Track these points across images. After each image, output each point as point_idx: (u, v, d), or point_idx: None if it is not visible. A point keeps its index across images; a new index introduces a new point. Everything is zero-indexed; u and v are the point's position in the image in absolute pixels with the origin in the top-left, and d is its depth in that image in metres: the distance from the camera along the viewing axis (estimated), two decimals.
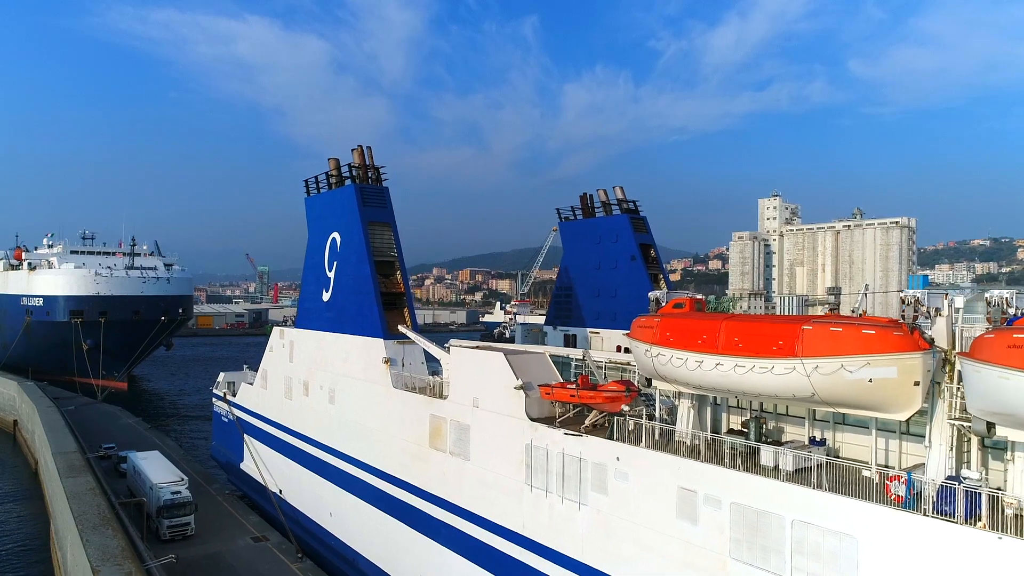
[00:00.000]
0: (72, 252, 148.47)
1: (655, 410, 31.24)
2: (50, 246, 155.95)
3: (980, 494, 19.09)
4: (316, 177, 58.08)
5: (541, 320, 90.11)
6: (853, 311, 25.90)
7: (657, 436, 29.58)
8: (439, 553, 40.32)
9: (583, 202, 73.51)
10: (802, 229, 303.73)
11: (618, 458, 29.33)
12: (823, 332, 21.43)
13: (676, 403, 30.44)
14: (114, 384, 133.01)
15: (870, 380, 20.55)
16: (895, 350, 20.33)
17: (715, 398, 31.16)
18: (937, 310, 21.68)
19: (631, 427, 29.41)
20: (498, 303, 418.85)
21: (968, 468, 21.09)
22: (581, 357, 36.81)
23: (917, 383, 20.51)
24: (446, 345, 43.06)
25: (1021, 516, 19.83)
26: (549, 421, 34.01)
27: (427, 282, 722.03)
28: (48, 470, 64.22)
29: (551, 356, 40.89)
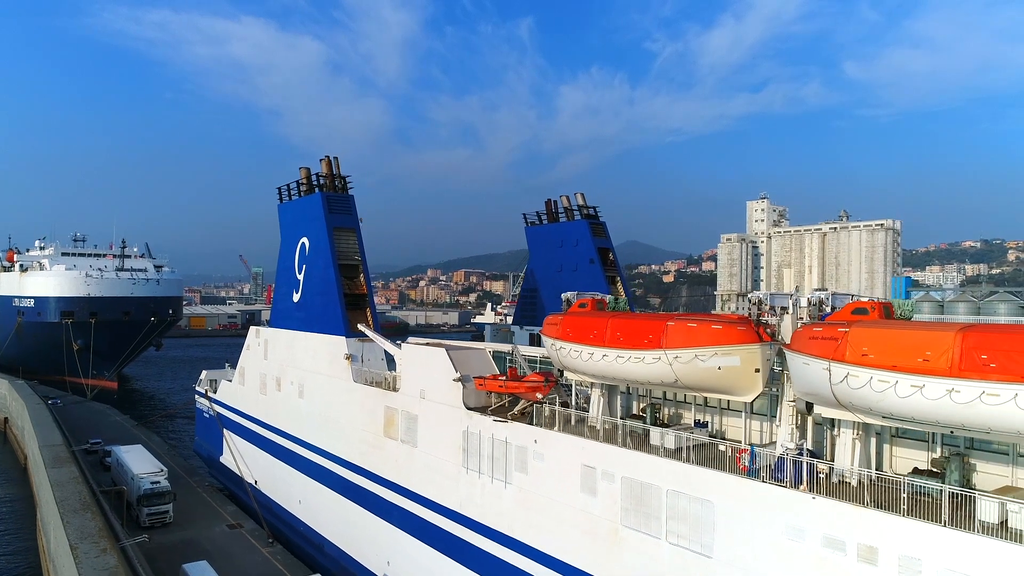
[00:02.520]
0: (63, 254, 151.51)
1: (571, 398, 34.93)
2: (42, 248, 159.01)
3: (802, 463, 22.79)
4: (288, 185, 61.72)
5: None
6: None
7: (573, 421, 33.24)
8: (392, 534, 43.91)
9: (548, 208, 77.23)
10: (789, 231, 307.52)
11: (536, 441, 33.01)
12: (682, 327, 25.16)
13: (590, 392, 34.10)
14: (104, 384, 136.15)
15: (719, 367, 24.26)
16: (737, 342, 24.04)
17: (628, 387, 34.87)
18: (783, 309, 25.40)
19: (547, 413, 33.10)
20: (489, 304, 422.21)
21: (790, 441, 24.79)
22: (510, 352, 40.55)
23: (758, 370, 24.22)
24: (398, 342, 46.68)
25: (843, 481, 23.55)
26: (484, 410, 37.67)
27: (421, 283, 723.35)
28: (35, 461, 67.64)
29: (497, 352, 44.64)
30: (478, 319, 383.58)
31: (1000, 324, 20.88)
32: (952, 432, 20.16)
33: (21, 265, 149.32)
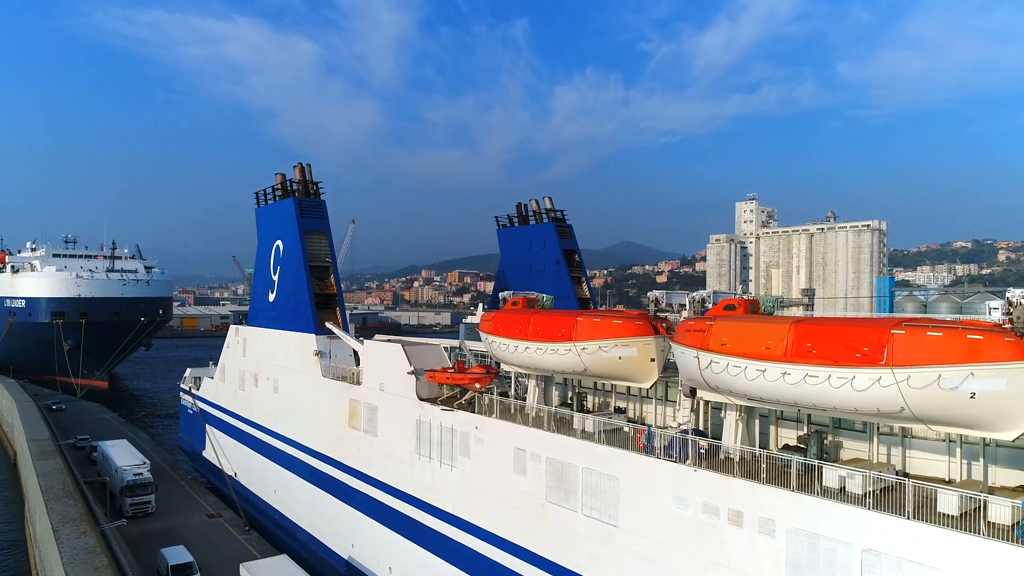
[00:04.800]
0: (54, 255, 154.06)
1: (510, 388, 38.10)
2: (33, 249, 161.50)
3: (688, 441, 25.98)
4: (264, 190, 64.74)
5: None
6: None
7: (512, 410, 36.36)
8: (356, 518, 47.00)
9: (519, 210, 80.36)
10: (777, 232, 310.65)
11: (476, 427, 36.17)
12: (588, 323, 28.40)
13: (528, 383, 37.29)
14: (95, 383, 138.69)
15: (619, 357, 27.45)
16: (635, 335, 27.24)
17: (564, 378, 38.02)
18: (681, 306, 28.61)
19: (486, 402, 36.27)
20: (480, 305, 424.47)
21: (686, 422, 27.97)
22: (459, 347, 43.73)
23: (653, 359, 27.41)
24: (361, 339, 49.77)
25: (728, 457, 26.73)
26: (435, 401, 40.79)
27: (416, 284, 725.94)
28: (23, 455, 70.50)
29: (455, 348, 47.77)
30: (469, 319, 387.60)
31: (829, 318, 23.96)
32: (799, 410, 23.32)
33: (12, 266, 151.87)
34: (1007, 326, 18.47)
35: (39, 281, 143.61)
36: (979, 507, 19.59)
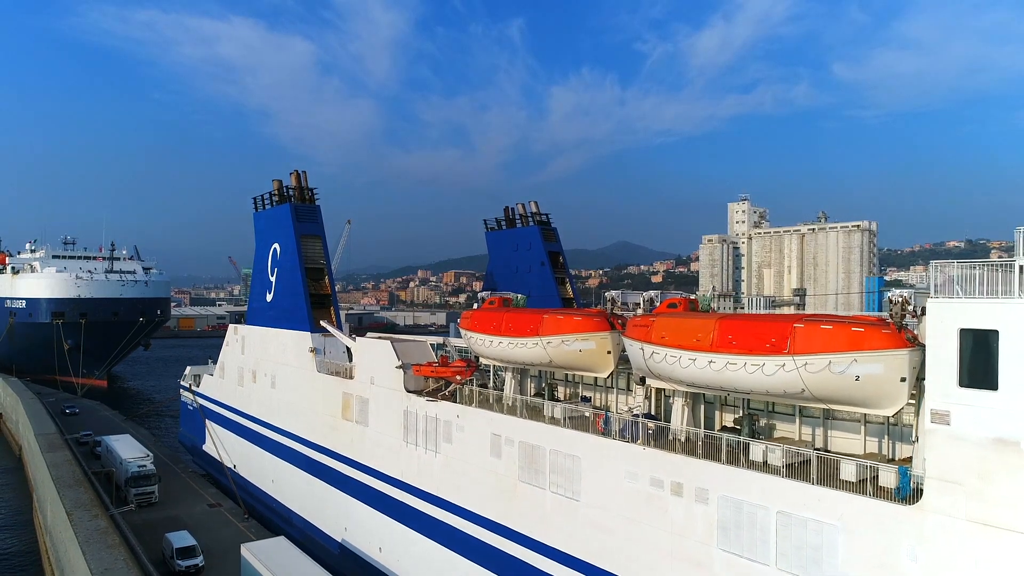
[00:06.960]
0: (54, 256, 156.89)
1: (489, 380, 41.61)
2: (33, 251, 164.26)
3: (638, 424, 29.52)
4: (262, 196, 68.10)
5: None
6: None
7: (491, 400, 39.82)
8: (348, 503, 50.45)
9: (506, 214, 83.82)
10: (769, 232, 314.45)
11: (457, 416, 39.67)
12: (553, 319, 31.95)
13: (505, 375, 40.81)
14: (94, 382, 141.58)
15: (580, 350, 30.96)
16: (593, 330, 30.78)
17: (539, 371, 41.52)
18: (637, 304, 32.14)
19: (466, 392, 39.76)
20: (475, 304, 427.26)
21: (639, 407, 31.49)
22: (442, 343, 47.32)
23: (609, 352, 30.93)
24: (353, 336, 53.23)
25: (676, 438, 30.25)
26: (421, 392, 44.26)
27: (412, 284, 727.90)
28: (31, 449, 73.69)
29: (440, 344, 51.26)
30: None
31: (748, 314, 27.48)
32: (728, 394, 26.84)
33: (12, 267, 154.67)
34: (889, 320, 22.03)
35: (39, 282, 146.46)
36: (873, 474, 23.17)
